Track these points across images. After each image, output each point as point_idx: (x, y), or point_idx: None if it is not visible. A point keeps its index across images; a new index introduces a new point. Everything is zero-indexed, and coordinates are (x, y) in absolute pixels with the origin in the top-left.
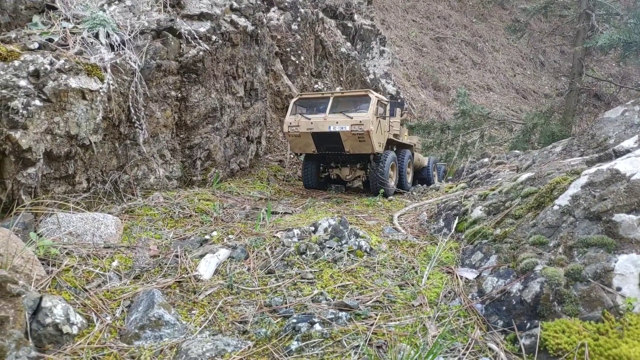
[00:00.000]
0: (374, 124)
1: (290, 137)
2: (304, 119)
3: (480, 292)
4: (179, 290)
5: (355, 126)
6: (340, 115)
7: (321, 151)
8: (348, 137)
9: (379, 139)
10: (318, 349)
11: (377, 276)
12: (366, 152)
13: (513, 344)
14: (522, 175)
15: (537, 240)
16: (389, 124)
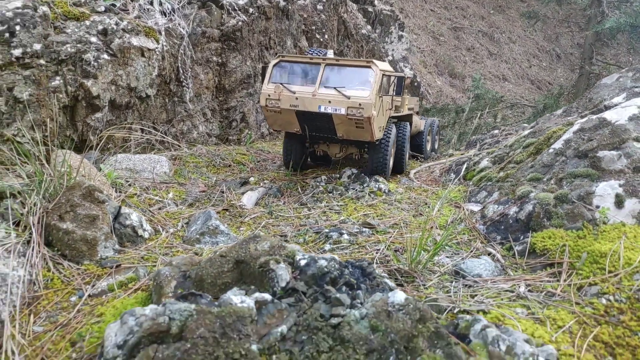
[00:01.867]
0: (377, 107)
1: (267, 113)
2: (286, 92)
3: (482, 216)
4: (227, 214)
5: (352, 109)
6: (334, 92)
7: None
8: (342, 121)
9: (380, 122)
10: (346, 250)
11: (394, 209)
12: (363, 140)
13: (508, 251)
14: (525, 131)
15: (534, 177)
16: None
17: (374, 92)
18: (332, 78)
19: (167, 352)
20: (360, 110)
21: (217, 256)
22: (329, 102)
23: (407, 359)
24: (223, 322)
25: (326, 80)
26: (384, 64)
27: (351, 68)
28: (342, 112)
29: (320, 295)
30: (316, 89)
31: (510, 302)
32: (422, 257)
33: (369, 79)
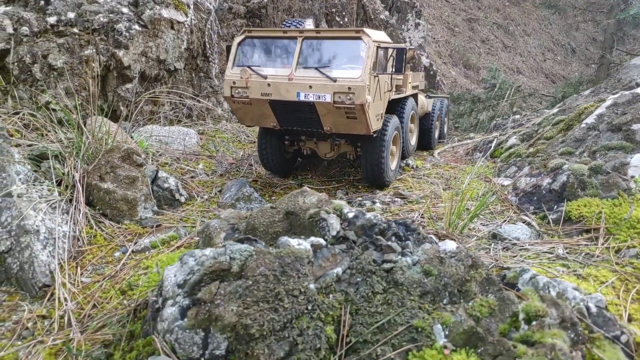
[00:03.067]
0: (372, 89)
1: (235, 105)
2: (256, 77)
3: (514, 189)
4: (258, 184)
5: (341, 95)
6: (315, 74)
7: (286, 126)
8: (329, 111)
9: (378, 109)
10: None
11: (423, 182)
12: (357, 133)
13: (542, 220)
14: (553, 109)
15: (565, 151)
16: (391, 80)
17: (366, 70)
18: (313, 55)
19: (229, 288)
20: (351, 95)
21: (267, 208)
22: (310, 87)
23: (460, 301)
24: (282, 261)
25: (306, 58)
26: (379, 34)
27: (336, 41)
28: (328, 99)
29: (370, 244)
30: (293, 71)
31: (550, 262)
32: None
33: (360, 53)
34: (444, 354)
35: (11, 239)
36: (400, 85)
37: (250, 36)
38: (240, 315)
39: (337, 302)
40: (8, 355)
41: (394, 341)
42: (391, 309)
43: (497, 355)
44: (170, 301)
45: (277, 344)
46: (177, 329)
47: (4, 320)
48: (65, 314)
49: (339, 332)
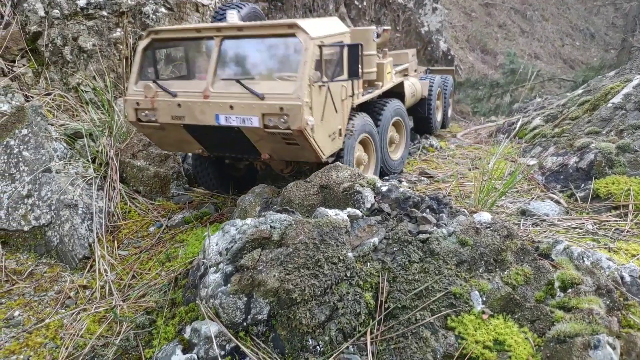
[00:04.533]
0: (317, 105)
1: (144, 130)
2: (163, 95)
3: (540, 168)
4: None
5: (272, 118)
6: (238, 88)
7: (215, 153)
8: (261, 137)
9: (330, 127)
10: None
11: (448, 162)
12: (305, 161)
13: (569, 197)
14: (578, 90)
15: (592, 130)
16: (353, 86)
17: (303, 82)
18: (236, 62)
19: (270, 255)
20: (285, 118)
21: (302, 181)
22: (231, 107)
23: (496, 270)
24: (321, 230)
25: (226, 66)
26: (324, 25)
27: (264, 40)
28: (255, 123)
29: (404, 216)
30: (209, 85)
31: (580, 237)
32: (487, 200)
33: (296, 57)
34: (482, 318)
35: (51, 213)
36: (373, 80)
37: (158, 39)
38: (282, 280)
39: (375, 270)
40: (53, 322)
41: (433, 307)
42: (428, 276)
43: (535, 319)
44: (213, 268)
45: (318, 309)
46: (220, 294)
47: (46, 290)
48: (105, 284)
49: (377, 298)
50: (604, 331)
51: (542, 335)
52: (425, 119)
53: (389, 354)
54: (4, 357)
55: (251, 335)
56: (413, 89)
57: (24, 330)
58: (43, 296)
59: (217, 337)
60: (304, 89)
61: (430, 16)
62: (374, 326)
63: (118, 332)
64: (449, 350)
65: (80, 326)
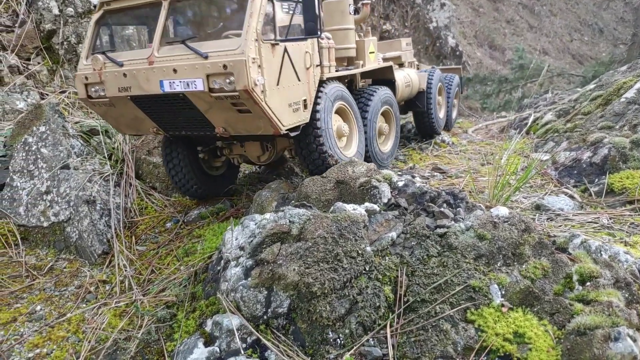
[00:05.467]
0: (269, 65)
1: (96, 108)
2: (110, 65)
3: (553, 163)
4: None
5: (217, 79)
6: (183, 50)
7: (171, 132)
8: (210, 104)
9: (291, 95)
10: None
11: (461, 158)
12: (263, 134)
13: (583, 192)
14: (590, 85)
15: (605, 125)
16: (319, 49)
17: (249, 35)
18: (184, 23)
19: (290, 249)
20: (230, 77)
21: (318, 177)
22: (175, 71)
23: (514, 264)
24: (339, 225)
25: (173, 30)
26: None
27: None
28: (200, 86)
29: (422, 211)
30: (154, 49)
31: (596, 232)
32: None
33: (243, 12)
34: (501, 311)
35: (70, 209)
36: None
37: (110, 10)
38: (302, 274)
39: (393, 264)
40: (75, 317)
41: (452, 300)
42: (447, 270)
43: (554, 312)
44: (233, 262)
45: (338, 302)
46: (241, 288)
47: (66, 285)
48: (125, 278)
49: (396, 292)
50: (624, 323)
51: (561, 327)
52: (425, 114)
53: (410, 346)
54: (28, 350)
55: (272, 328)
56: (408, 79)
57: (46, 324)
58: (64, 291)
59: (239, 330)
60: (249, 43)
61: (439, 12)
62: (393, 319)
63: (139, 326)
64: (469, 343)
65: (101, 320)
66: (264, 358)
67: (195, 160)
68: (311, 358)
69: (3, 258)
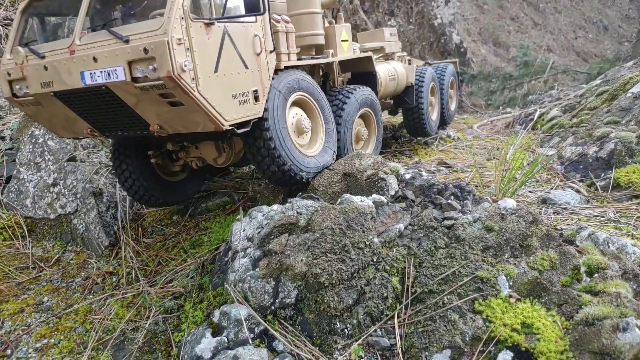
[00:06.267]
0: (204, 50)
1: (24, 109)
2: (32, 58)
3: (559, 158)
4: None
5: (139, 65)
6: (105, 36)
7: (107, 133)
8: (137, 97)
9: (233, 87)
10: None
11: (466, 153)
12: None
13: (589, 186)
14: (595, 80)
15: (611, 120)
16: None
17: (173, 12)
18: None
19: (297, 240)
20: (152, 62)
21: (325, 170)
22: (95, 60)
23: (522, 255)
24: (347, 216)
25: (98, 16)
26: None
27: None
28: (121, 75)
29: (429, 203)
30: (75, 37)
31: (603, 225)
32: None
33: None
34: (509, 302)
35: (77, 201)
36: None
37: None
38: (310, 265)
39: (401, 256)
40: (82, 307)
41: (460, 291)
42: (455, 261)
43: (562, 303)
44: (241, 253)
45: (345, 292)
46: (249, 278)
47: (73, 277)
48: (132, 270)
49: (403, 282)
50: (632, 314)
51: (569, 318)
52: (415, 112)
53: (417, 336)
54: (36, 341)
55: (279, 318)
56: (392, 72)
57: (53, 315)
58: (70, 282)
59: (247, 320)
60: (173, 22)
61: (443, 8)
62: (401, 310)
63: (147, 316)
64: (477, 333)
65: (109, 311)
66: (271, 348)
67: (147, 165)
68: (319, 348)
69: (10, 250)
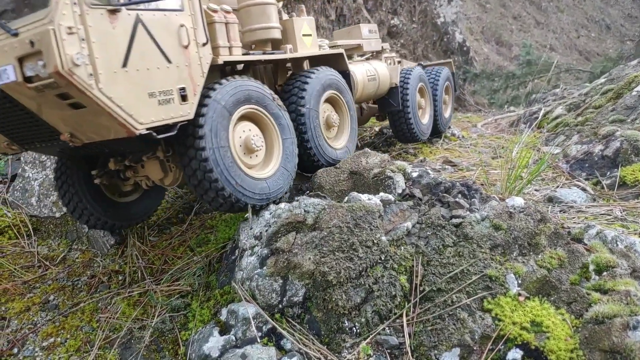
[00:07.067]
0: (108, 41)
1: None
2: None
3: (565, 156)
4: None
5: (29, 62)
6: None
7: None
8: (35, 100)
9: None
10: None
11: (471, 151)
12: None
13: (595, 185)
14: (600, 79)
15: (616, 119)
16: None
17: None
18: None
19: (305, 238)
20: (40, 57)
21: (332, 168)
22: None
23: (530, 254)
24: (354, 215)
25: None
26: None
27: None
28: (12, 76)
29: (436, 201)
30: None
31: (609, 223)
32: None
33: None
34: (518, 300)
35: None
36: (275, 40)
37: None
38: (318, 263)
39: (409, 254)
40: (88, 306)
41: (469, 289)
42: (463, 260)
43: (572, 302)
44: (248, 251)
45: (353, 291)
46: (256, 277)
47: (79, 275)
48: (138, 269)
49: (411, 281)
50: None
51: (579, 316)
52: (401, 115)
53: (426, 335)
54: (42, 339)
55: (287, 317)
56: (372, 72)
57: (59, 313)
58: (76, 281)
59: (255, 319)
60: (61, 8)
61: (446, 7)
62: (409, 308)
63: (153, 315)
64: (486, 331)
65: (115, 309)
66: (280, 346)
67: (92, 185)
68: (327, 346)
69: (15, 248)
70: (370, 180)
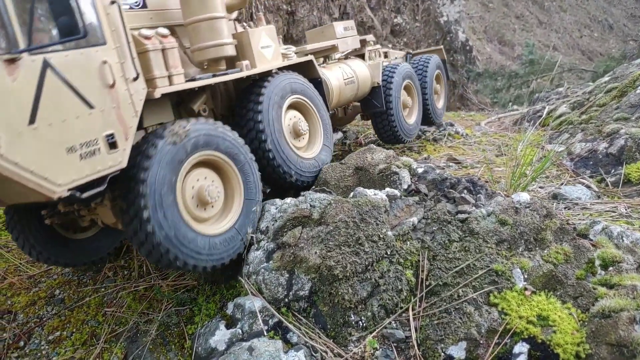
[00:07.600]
0: (5, 97)
1: None
2: None
3: (569, 154)
4: None
5: None
6: None
7: None
8: None
9: (69, 139)
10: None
11: (475, 149)
12: (33, 201)
13: (600, 182)
14: (604, 77)
15: (621, 117)
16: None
17: None
18: None
19: (311, 233)
20: None
21: (337, 163)
22: None
23: (536, 249)
24: (360, 209)
25: None
26: None
27: None
28: None
29: (442, 197)
30: None
31: (614, 220)
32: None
33: None
34: (524, 295)
35: None
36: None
37: None
38: (324, 257)
39: (415, 249)
40: (94, 300)
41: (475, 284)
42: (469, 255)
43: (578, 296)
44: (254, 245)
45: (360, 285)
46: (263, 271)
47: (85, 270)
48: (143, 263)
49: (417, 275)
50: None
51: (585, 311)
52: (384, 116)
53: (433, 328)
54: (48, 333)
55: (293, 310)
56: (350, 74)
57: (65, 307)
58: (82, 276)
59: (261, 313)
60: None
61: (449, 6)
62: (416, 302)
63: (159, 309)
64: (492, 325)
65: (121, 303)
66: (286, 340)
67: (44, 225)
68: (333, 340)
69: None
70: (376, 176)
